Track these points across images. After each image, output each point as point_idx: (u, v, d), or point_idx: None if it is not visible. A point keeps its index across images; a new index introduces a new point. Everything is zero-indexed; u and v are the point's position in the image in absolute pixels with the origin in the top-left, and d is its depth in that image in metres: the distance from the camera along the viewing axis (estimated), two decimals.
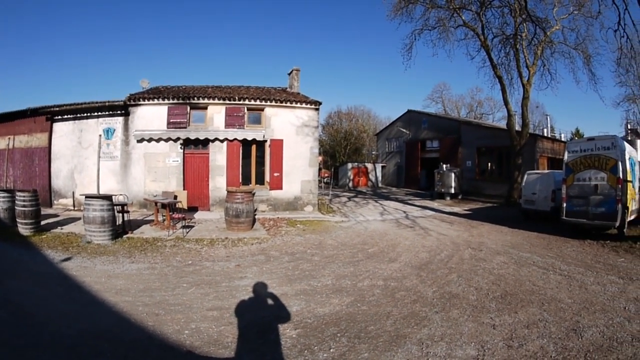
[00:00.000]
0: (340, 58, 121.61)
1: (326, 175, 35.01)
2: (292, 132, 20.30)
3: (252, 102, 19.64)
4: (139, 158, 18.58)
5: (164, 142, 18.47)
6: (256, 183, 20.05)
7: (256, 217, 16.27)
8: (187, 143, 18.86)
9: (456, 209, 24.14)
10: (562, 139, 39.98)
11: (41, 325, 5.51)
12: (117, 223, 12.24)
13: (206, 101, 19.20)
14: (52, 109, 18.59)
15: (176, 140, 18.50)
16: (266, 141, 19.80)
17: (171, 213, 13.64)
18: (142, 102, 18.64)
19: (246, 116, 19.65)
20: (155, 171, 18.49)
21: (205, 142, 19.03)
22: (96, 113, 18.74)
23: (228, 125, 19.25)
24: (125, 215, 13.35)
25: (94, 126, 18.75)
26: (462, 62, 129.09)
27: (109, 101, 18.61)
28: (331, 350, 5.16)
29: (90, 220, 11.13)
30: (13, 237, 11.64)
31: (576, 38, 27.75)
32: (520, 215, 20.00)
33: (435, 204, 26.92)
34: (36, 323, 5.55)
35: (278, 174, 19.94)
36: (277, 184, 19.96)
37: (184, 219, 13.94)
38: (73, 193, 18.54)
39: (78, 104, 18.64)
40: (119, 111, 18.74)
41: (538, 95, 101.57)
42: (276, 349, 5.14)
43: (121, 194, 14.78)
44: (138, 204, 18.16)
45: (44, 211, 14.22)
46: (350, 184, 43.25)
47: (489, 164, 35.60)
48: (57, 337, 5.12)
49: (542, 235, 14.88)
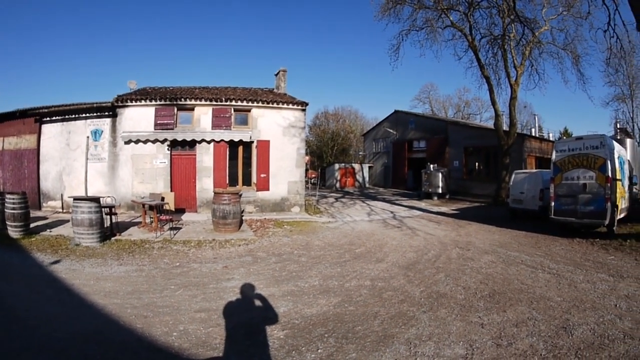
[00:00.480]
0: (327, 59, 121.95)
1: (313, 176, 35.06)
2: (279, 133, 20.34)
3: (239, 103, 19.68)
4: (127, 160, 18.52)
5: (151, 144, 18.43)
6: (243, 184, 20.05)
7: (243, 219, 16.31)
8: (174, 144, 18.84)
9: (444, 209, 24.24)
10: (551, 139, 40.12)
11: (32, 328, 5.54)
12: (105, 225, 12.28)
13: (193, 102, 19.20)
14: (41, 111, 18.49)
15: (163, 141, 18.48)
16: (253, 142, 19.84)
17: (159, 215, 13.62)
18: (130, 104, 18.60)
19: (233, 117, 19.68)
20: (142, 173, 18.45)
21: (192, 144, 19.01)
22: (84, 114, 18.66)
23: (215, 126, 19.27)
24: (113, 217, 13.39)
25: (82, 128, 18.67)
26: (450, 63, 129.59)
27: (97, 102, 18.56)
28: (319, 350, 5.18)
29: (78, 222, 11.14)
30: (2, 240, 11.64)
31: (565, 38, 28.01)
32: (508, 214, 20.16)
33: (422, 204, 27.03)
34: (27, 326, 5.58)
35: (265, 175, 19.98)
36: (264, 185, 20.00)
37: (172, 221, 13.98)
38: (62, 195, 18.43)
39: (66, 106, 18.56)
40: (107, 112, 18.67)
41: (526, 95, 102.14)
42: (264, 350, 5.15)
43: (109, 196, 14.74)
44: (126, 206, 18.11)
45: (33, 214, 14.15)
46: (337, 185, 43.28)
47: (477, 164, 35.77)
48: (48, 340, 5.14)
49: (531, 234, 15.01)
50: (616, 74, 33.64)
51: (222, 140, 19.07)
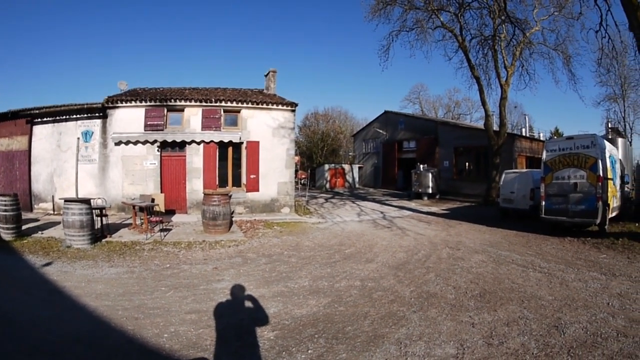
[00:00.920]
0: (317, 59, 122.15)
1: (303, 176, 35.09)
2: (269, 134, 20.33)
3: (229, 104, 19.64)
4: (117, 161, 18.44)
5: (142, 145, 18.37)
6: (233, 185, 20.05)
7: (233, 220, 16.29)
8: (164, 145, 18.78)
9: (434, 209, 24.36)
10: (541, 139, 40.33)
11: (25, 330, 5.57)
12: (96, 227, 12.23)
13: (183, 103, 19.13)
14: (32, 112, 18.35)
15: (153, 142, 18.42)
16: (242, 143, 19.81)
17: (149, 216, 13.64)
18: (120, 105, 18.51)
19: (223, 118, 19.65)
20: (133, 174, 18.39)
21: (182, 145, 18.97)
22: (75, 115, 18.55)
23: (205, 127, 19.22)
24: (103, 219, 13.34)
25: (73, 129, 18.56)
26: (440, 63, 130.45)
27: (88, 103, 18.48)
28: (309, 351, 5.20)
29: (69, 224, 11.14)
30: None
31: (556, 39, 28.18)
32: (498, 214, 20.23)
33: (412, 204, 27.16)
34: (20, 329, 5.62)
35: (254, 176, 19.97)
36: (254, 186, 19.98)
37: (162, 222, 13.94)
38: (53, 197, 18.29)
39: (57, 107, 18.46)
40: (97, 113, 18.57)
41: (516, 95, 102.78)
42: (254, 351, 5.17)
43: (99, 198, 14.75)
44: (116, 208, 18.04)
45: (25, 215, 14.11)
46: (327, 185, 43.32)
47: (467, 164, 35.92)
48: (41, 343, 5.16)
49: (521, 233, 15.08)
50: (608, 74, 33.75)
51: (212, 141, 19.05)
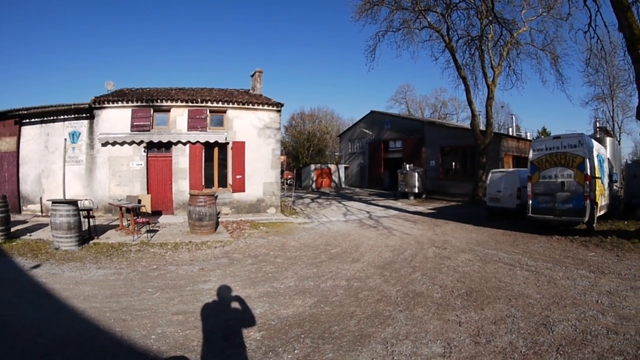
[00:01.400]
0: (304, 59, 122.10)
1: (289, 176, 35.15)
2: (254, 134, 20.40)
3: (215, 105, 19.67)
4: (104, 162, 18.38)
5: (128, 146, 18.31)
6: (219, 186, 20.07)
7: (219, 220, 16.35)
8: (151, 146, 18.74)
9: (420, 208, 24.46)
10: (528, 138, 40.59)
11: (15, 333, 5.58)
12: (84, 228, 12.25)
13: (169, 103, 19.13)
14: (21, 112, 18.15)
15: (140, 143, 18.38)
16: (228, 143, 19.86)
17: (135, 217, 13.63)
18: (107, 105, 18.45)
19: (209, 118, 19.68)
20: (119, 175, 18.32)
21: (168, 145, 18.94)
22: (62, 116, 18.44)
23: (191, 127, 19.23)
24: (91, 220, 13.37)
25: (60, 130, 18.44)
26: (427, 64, 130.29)
27: (75, 104, 18.38)
28: (295, 351, 5.22)
29: (57, 226, 11.15)
30: None
31: (544, 39, 28.40)
32: (485, 213, 20.33)
33: (398, 204, 27.25)
34: (10, 331, 5.62)
35: (240, 177, 20.03)
36: (240, 187, 20.05)
37: (149, 224, 13.95)
38: (41, 198, 18.14)
39: (45, 107, 18.30)
40: (84, 114, 18.48)
41: (503, 95, 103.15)
42: (241, 352, 5.19)
43: (86, 199, 14.67)
44: (103, 209, 17.97)
45: (13, 217, 14.02)
46: (313, 185, 43.24)
47: (453, 164, 36.01)
48: (30, 345, 5.18)
49: (508, 232, 15.18)
50: (596, 74, 34.14)
51: (198, 141, 19.04)
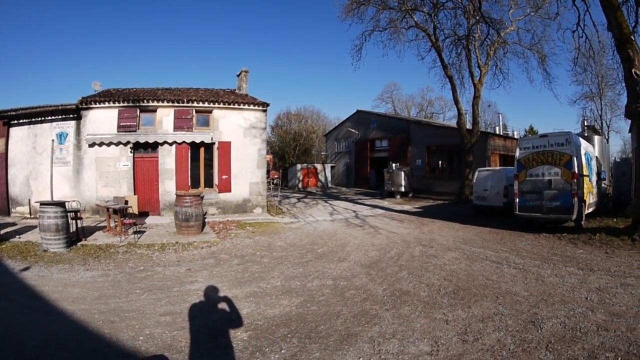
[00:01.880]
0: (290, 59, 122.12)
1: (275, 176, 35.12)
2: (240, 134, 20.42)
3: (201, 105, 19.66)
4: (91, 163, 18.30)
5: (115, 146, 18.24)
6: (205, 186, 20.10)
7: (206, 221, 16.41)
8: (137, 147, 18.69)
9: (406, 207, 24.55)
10: (515, 137, 41.01)
11: (6, 336, 5.63)
12: (71, 230, 12.23)
13: (155, 104, 19.09)
14: (9, 113, 18.03)
15: (126, 144, 18.32)
16: (214, 143, 19.86)
17: (123, 219, 13.64)
18: (94, 106, 18.35)
19: (195, 119, 19.67)
20: (106, 176, 18.27)
21: (154, 146, 18.88)
22: (50, 117, 18.33)
23: (177, 128, 19.20)
24: (78, 222, 13.28)
25: (48, 131, 18.32)
26: (413, 63, 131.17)
27: (62, 104, 18.30)
28: (282, 351, 5.25)
29: (45, 228, 11.15)
30: None
31: (532, 39, 28.56)
32: (472, 211, 20.44)
33: (385, 203, 27.37)
34: (1, 335, 5.66)
35: (226, 177, 20.05)
36: (226, 187, 20.06)
37: (135, 225, 13.99)
38: (29, 200, 18.00)
39: (33, 108, 18.16)
40: (72, 115, 18.38)
41: (490, 94, 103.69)
42: (228, 352, 5.23)
43: (74, 200, 14.62)
44: (91, 210, 17.89)
45: (2, 220, 14.10)
46: (299, 185, 43.28)
47: (440, 162, 36.29)
48: (21, 348, 5.22)
49: (495, 230, 15.24)
50: (584, 73, 34.33)
51: (184, 141, 19.04)
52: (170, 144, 19.00)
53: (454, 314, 6.43)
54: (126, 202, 15.52)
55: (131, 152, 18.58)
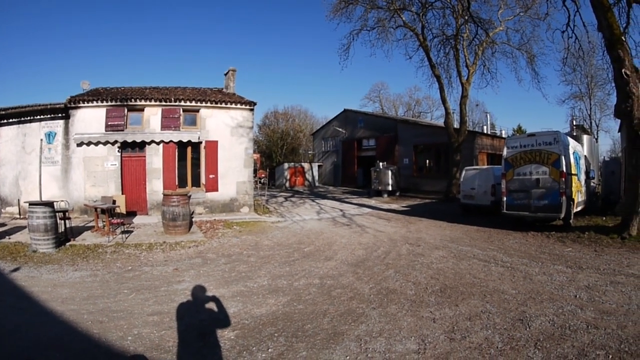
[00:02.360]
0: (278, 58, 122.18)
1: (263, 175, 35.20)
2: (227, 133, 20.46)
3: (188, 104, 19.68)
4: (79, 162, 18.25)
5: (102, 146, 18.20)
6: (192, 185, 20.08)
7: (193, 220, 16.39)
8: (125, 146, 18.66)
9: (394, 206, 24.67)
10: (503, 136, 41.24)
11: None
12: (60, 230, 12.22)
13: (143, 103, 19.06)
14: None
15: (114, 143, 18.29)
16: (201, 143, 19.86)
17: (110, 218, 13.62)
18: (82, 105, 18.29)
19: (182, 118, 19.66)
20: (94, 176, 18.21)
21: (142, 145, 18.89)
22: (39, 116, 18.19)
23: (164, 127, 19.19)
24: (67, 222, 13.30)
25: (37, 130, 18.19)
26: (401, 62, 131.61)
27: (51, 104, 18.21)
28: (269, 350, 5.27)
29: (34, 228, 11.16)
30: None
31: (520, 39, 28.74)
32: (459, 210, 20.58)
33: (372, 202, 27.50)
34: None
35: (213, 176, 20.06)
36: (213, 186, 20.08)
37: (123, 224, 14.02)
38: (19, 200, 17.83)
39: (22, 107, 18.05)
40: (60, 114, 18.29)
41: (478, 93, 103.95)
42: (216, 352, 5.26)
43: (62, 200, 14.61)
44: (79, 210, 17.84)
45: None
46: (287, 184, 43.35)
47: (427, 161, 36.40)
48: (15, 349, 5.26)
49: (483, 228, 15.35)
50: (573, 73, 34.51)
51: (171, 141, 19.04)
52: (157, 143, 19.00)
53: (441, 312, 6.47)
54: (114, 202, 15.52)
55: (119, 152, 18.54)
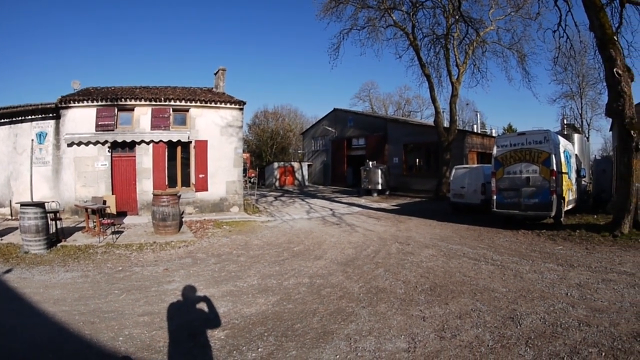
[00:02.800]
0: (268, 57, 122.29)
1: (252, 175, 35.26)
2: (217, 133, 20.49)
3: (178, 103, 19.69)
4: (70, 163, 18.21)
5: (93, 146, 18.19)
6: (182, 185, 20.11)
7: (183, 220, 16.45)
8: (115, 146, 18.63)
9: (383, 205, 24.72)
10: (494, 135, 41.46)
11: None
12: (51, 231, 12.23)
13: (133, 102, 19.05)
14: None
15: (104, 143, 18.27)
16: (191, 142, 19.89)
17: (101, 219, 13.65)
18: (72, 105, 18.27)
19: (172, 117, 19.65)
20: (85, 176, 18.18)
21: (132, 145, 18.88)
22: (30, 116, 18.15)
23: (154, 126, 19.19)
24: (58, 222, 13.31)
25: (28, 130, 18.15)
26: (391, 61, 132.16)
27: (42, 104, 18.15)
28: (259, 349, 5.30)
29: (25, 229, 11.19)
30: None
31: (511, 38, 28.97)
32: (449, 209, 20.68)
33: (362, 201, 27.57)
34: None
35: (203, 176, 20.10)
36: (203, 186, 20.12)
37: (114, 225, 14.06)
38: (10, 201, 17.80)
39: (13, 107, 17.95)
40: (51, 114, 18.26)
41: (469, 92, 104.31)
42: (206, 351, 5.29)
43: (53, 201, 14.57)
44: (70, 211, 17.81)
45: None
46: (276, 184, 43.40)
47: (417, 160, 36.61)
48: (10, 351, 5.31)
49: (473, 227, 15.42)
50: (565, 72, 34.68)
51: (161, 140, 19.04)
52: (147, 143, 18.99)
53: (431, 311, 6.50)
54: (104, 202, 15.55)
55: (109, 152, 18.53)
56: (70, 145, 17.96)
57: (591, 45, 19.07)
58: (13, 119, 18.15)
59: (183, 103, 19.82)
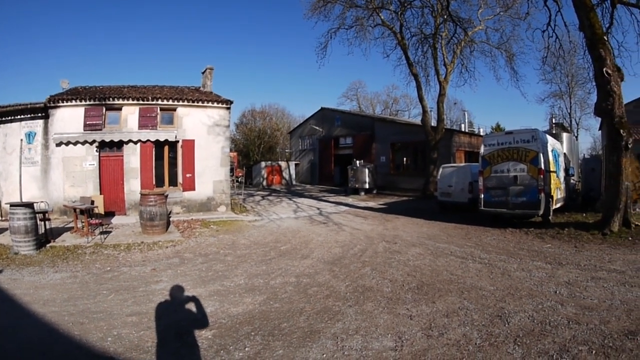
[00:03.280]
0: (255, 56, 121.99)
1: (240, 174, 35.27)
2: (204, 132, 20.53)
3: (165, 102, 19.71)
4: (58, 162, 18.19)
5: (81, 145, 18.19)
6: (169, 185, 20.11)
7: (171, 220, 16.50)
8: (103, 145, 18.63)
9: (371, 204, 24.84)
10: (481, 134, 41.65)
11: None
12: (40, 232, 12.27)
13: (121, 102, 19.07)
14: None
15: (92, 142, 18.28)
16: (178, 142, 19.93)
17: (89, 219, 13.71)
18: (61, 104, 18.26)
19: (159, 116, 19.69)
20: (73, 176, 18.17)
21: (119, 144, 18.87)
22: (19, 116, 18.09)
23: (141, 126, 19.21)
24: (47, 223, 13.33)
25: (17, 130, 18.09)
26: (379, 61, 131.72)
27: (31, 103, 18.11)
28: (246, 349, 5.33)
29: (15, 230, 11.22)
30: None
31: (500, 38, 29.19)
32: (436, 207, 20.76)
33: (349, 200, 27.66)
34: None
35: (190, 175, 20.13)
36: (190, 185, 20.16)
37: (102, 225, 14.08)
38: (0, 202, 17.74)
39: (2, 107, 17.91)
40: (40, 114, 18.22)
41: (456, 92, 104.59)
42: (193, 351, 5.34)
43: (42, 201, 14.57)
44: (59, 211, 17.77)
45: None
46: (264, 183, 43.42)
47: (404, 159, 36.79)
48: (1, 352, 5.36)
49: (460, 225, 15.54)
50: (553, 72, 34.90)
51: (148, 140, 19.05)
52: (135, 143, 19.01)
53: (418, 310, 6.53)
54: (92, 202, 15.53)
55: (97, 151, 18.53)
56: (58, 145, 17.93)
57: (580, 45, 19.28)
58: (2, 119, 18.06)
59: (170, 102, 19.84)
